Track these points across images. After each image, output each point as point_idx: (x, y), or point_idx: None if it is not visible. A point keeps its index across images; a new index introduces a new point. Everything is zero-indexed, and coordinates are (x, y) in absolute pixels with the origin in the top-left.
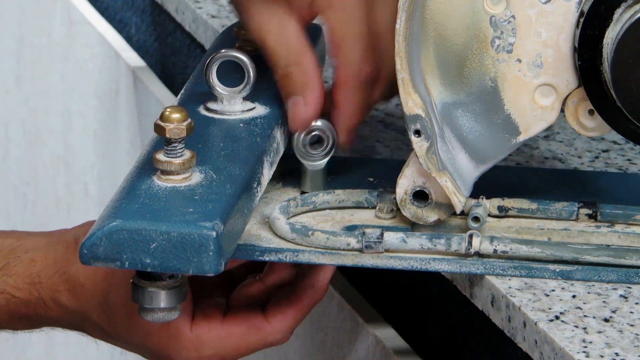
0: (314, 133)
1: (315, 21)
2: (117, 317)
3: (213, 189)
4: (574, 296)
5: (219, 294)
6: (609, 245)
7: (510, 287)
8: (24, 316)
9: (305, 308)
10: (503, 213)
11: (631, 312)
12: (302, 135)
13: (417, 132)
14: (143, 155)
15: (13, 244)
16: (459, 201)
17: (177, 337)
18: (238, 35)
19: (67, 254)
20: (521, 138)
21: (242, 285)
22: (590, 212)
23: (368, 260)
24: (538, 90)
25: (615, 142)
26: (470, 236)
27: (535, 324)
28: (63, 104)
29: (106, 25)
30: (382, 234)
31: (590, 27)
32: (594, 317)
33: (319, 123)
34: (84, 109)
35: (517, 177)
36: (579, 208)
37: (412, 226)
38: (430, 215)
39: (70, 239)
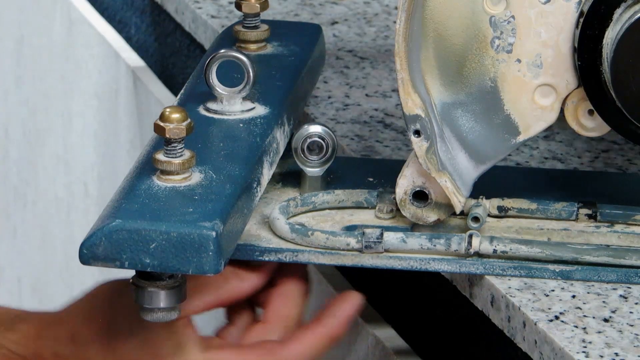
0: (313, 139)
1: None
2: (122, 351)
3: (213, 189)
4: (573, 296)
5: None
6: (608, 246)
7: (509, 287)
8: None
9: (323, 337)
10: (503, 213)
11: (631, 312)
12: (302, 141)
13: (417, 132)
14: (143, 155)
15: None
16: (459, 201)
17: None
18: (238, 35)
19: (68, 307)
20: (521, 138)
21: (244, 333)
22: (590, 212)
23: (368, 260)
24: (538, 91)
25: (614, 142)
26: (470, 236)
27: (535, 324)
28: (63, 104)
29: (106, 26)
30: (381, 234)
31: (590, 28)
32: (593, 317)
33: (319, 129)
34: (84, 109)
35: (517, 177)
36: (578, 208)
37: (412, 226)
38: (430, 216)
39: (77, 300)
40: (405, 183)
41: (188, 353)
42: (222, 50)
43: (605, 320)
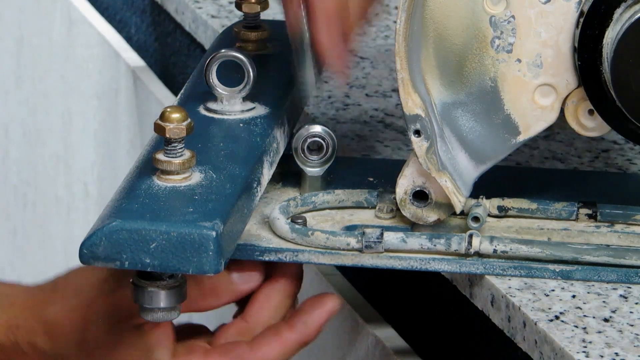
0: (313, 139)
1: None
2: (94, 355)
3: (213, 189)
4: (573, 296)
5: (204, 340)
6: (608, 245)
7: (510, 287)
8: None
9: (292, 343)
10: (503, 213)
11: (631, 312)
12: (302, 141)
13: (417, 132)
14: (143, 155)
15: None
16: (459, 201)
17: None
18: (238, 35)
19: (45, 296)
20: (521, 138)
21: (222, 327)
22: (590, 212)
23: (368, 260)
24: (538, 90)
25: (615, 142)
26: (470, 236)
27: (535, 324)
28: (63, 104)
29: (106, 25)
30: (382, 234)
31: (590, 27)
32: (593, 317)
33: (318, 129)
34: (84, 109)
35: (517, 177)
36: (578, 208)
37: (412, 226)
38: (430, 215)
39: (49, 283)
40: (406, 183)
41: (157, 358)
42: (222, 50)
43: (606, 320)
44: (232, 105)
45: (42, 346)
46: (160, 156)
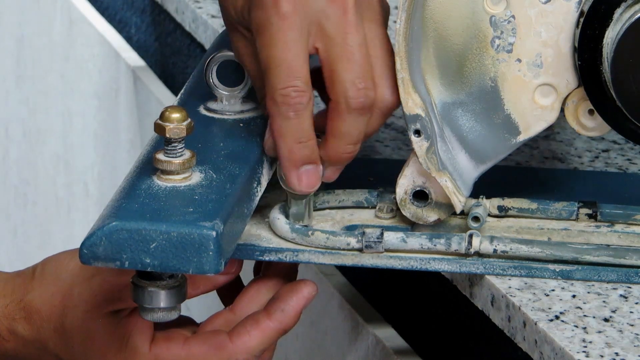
0: None
1: None
2: (73, 341)
3: (213, 189)
4: (574, 296)
5: (187, 330)
6: (609, 245)
7: (510, 287)
8: None
9: (271, 331)
10: (503, 213)
11: (631, 312)
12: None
13: (417, 132)
14: (143, 155)
15: None
16: (459, 201)
17: (134, 357)
18: None
19: (24, 283)
20: (521, 138)
21: (211, 316)
22: (590, 212)
23: (368, 260)
24: (538, 90)
25: (615, 142)
26: (470, 236)
27: (535, 324)
28: (63, 104)
29: (106, 25)
30: (382, 234)
31: (590, 27)
32: (594, 317)
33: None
34: (84, 108)
35: (517, 177)
36: (579, 208)
37: (412, 226)
38: (430, 215)
39: (28, 270)
40: (406, 183)
41: (135, 347)
42: (222, 50)
43: (606, 320)
44: (232, 105)
45: (22, 332)
46: (161, 156)
